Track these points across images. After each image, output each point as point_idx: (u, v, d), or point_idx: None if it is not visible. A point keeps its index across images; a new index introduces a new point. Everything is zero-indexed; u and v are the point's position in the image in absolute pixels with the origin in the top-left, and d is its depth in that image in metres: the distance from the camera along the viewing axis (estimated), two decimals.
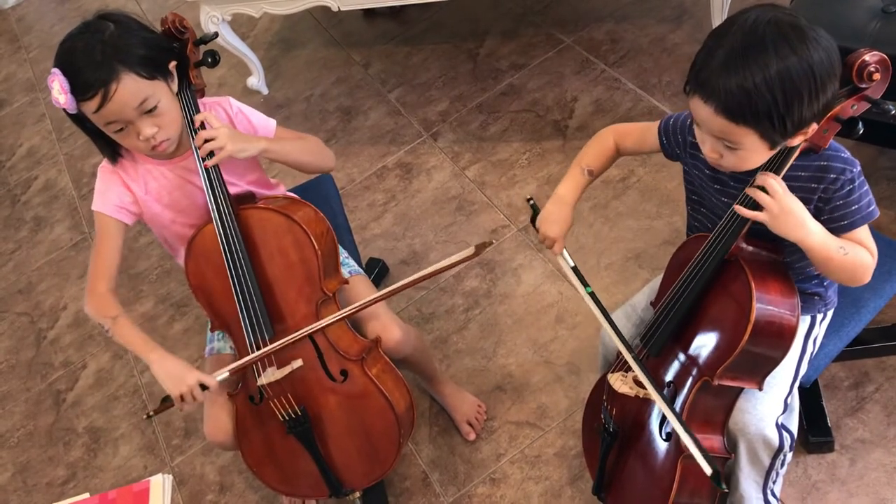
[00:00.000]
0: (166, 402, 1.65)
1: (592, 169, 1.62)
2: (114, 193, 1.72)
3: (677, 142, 1.53)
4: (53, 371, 2.70)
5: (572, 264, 1.57)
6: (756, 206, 1.33)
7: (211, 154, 1.63)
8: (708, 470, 1.37)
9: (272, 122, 1.80)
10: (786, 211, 1.31)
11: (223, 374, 1.66)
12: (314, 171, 1.89)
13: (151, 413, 1.68)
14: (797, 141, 1.29)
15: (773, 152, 1.31)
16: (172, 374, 1.61)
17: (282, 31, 3.57)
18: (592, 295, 1.49)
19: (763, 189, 1.31)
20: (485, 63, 3.06)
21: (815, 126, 1.27)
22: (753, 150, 1.29)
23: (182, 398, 1.61)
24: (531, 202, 1.64)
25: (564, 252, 1.59)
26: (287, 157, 1.76)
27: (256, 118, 1.78)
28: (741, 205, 1.35)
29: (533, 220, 1.62)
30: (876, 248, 1.39)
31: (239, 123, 1.76)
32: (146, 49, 1.57)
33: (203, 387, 1.62)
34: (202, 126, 1.64)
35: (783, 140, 1.28)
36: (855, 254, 1.36)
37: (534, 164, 2.66)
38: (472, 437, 2.10)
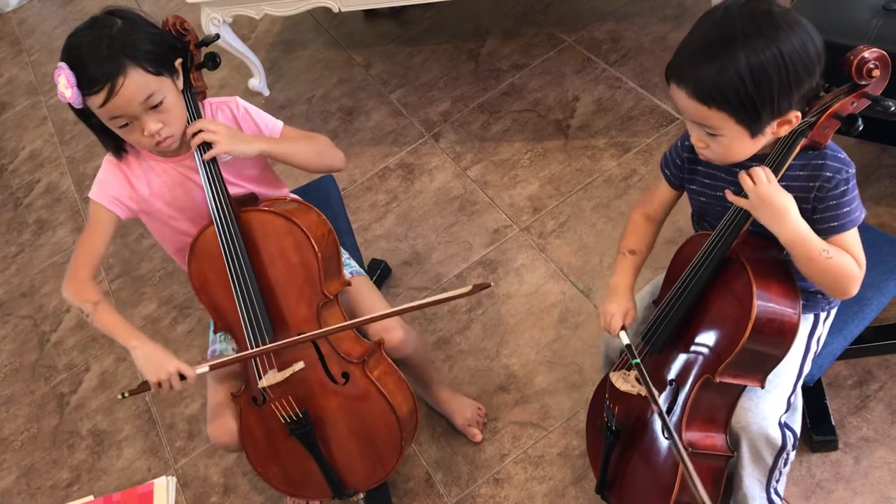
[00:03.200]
0: (143, 385, 1.65)
1: (632, 248, 1.60)
2: (113, 185, 1.72)
3: (677, 166, 1.55)
4: (57, 374, 2.71)
5: (626, 342, 1.53)
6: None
7: (207, 147, 1.63)
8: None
9: (279, 124, 1.80)
10: (765, 200, 1.32)
11: (203, 367, 1.66)
12: (320, 171, 1.88)
13: (126, 394, 1.69)
14: (783, 131, 1.31)
15: (757, 143, 1.32)
16: (153, 360, 1.63)
17: (283, 33, 3.58)
18: (638, 366, 1.49)
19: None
20: (486, 63, 3.05)
21: (796, 115, 1.28)
22: (735, 138, 1.30)
23: (160, 385, 1.63)
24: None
25: (622, 334, 1.54)
26: (290, 157, 1.76)
27: (262, 119, 1.78)
28: (733, 194, 1.37)
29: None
30: (864, 258, 1.37)
31: (244, 123, 1.76)
32: (153, 45, 1.57)
33: (182, 376, 1.63)
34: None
35: (760, 127, 1.29)
36: (840, 259, 1.34)
37: (536, 163, 2.66)
38: (479, 438, 2.09)
